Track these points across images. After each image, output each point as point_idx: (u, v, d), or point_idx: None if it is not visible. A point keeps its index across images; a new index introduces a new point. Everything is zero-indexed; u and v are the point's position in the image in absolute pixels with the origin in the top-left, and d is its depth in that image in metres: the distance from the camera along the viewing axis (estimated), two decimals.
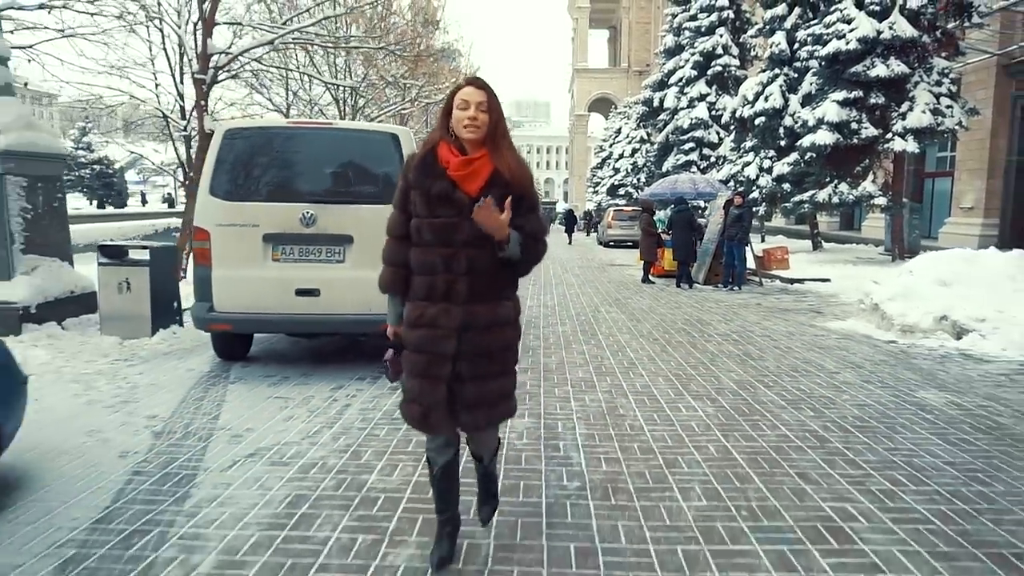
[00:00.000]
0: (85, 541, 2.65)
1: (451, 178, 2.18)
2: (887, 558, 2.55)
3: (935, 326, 6.99)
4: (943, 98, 14.36)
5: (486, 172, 2.18)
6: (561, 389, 5.04)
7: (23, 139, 6.30)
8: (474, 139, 2.19)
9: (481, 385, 2.24)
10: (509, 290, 2.34)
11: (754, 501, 3.07)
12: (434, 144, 2.24)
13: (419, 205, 2.22)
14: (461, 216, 2.16)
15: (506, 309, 2.29)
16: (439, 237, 2.19)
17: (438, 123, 2.30)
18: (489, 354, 2.25)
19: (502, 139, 2.23)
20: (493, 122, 2.19)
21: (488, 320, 2.23)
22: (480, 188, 2.16)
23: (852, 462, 3.55)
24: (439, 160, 2.20)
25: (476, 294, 2.21)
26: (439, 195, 2.18)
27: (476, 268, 2.19)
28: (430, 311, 2.21)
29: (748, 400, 4.76)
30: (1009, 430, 4.10)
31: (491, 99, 2.20)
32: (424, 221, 2.21)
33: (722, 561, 2.53)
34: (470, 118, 2.16)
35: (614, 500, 3.08)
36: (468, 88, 2.20)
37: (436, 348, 2.21)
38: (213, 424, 4.11)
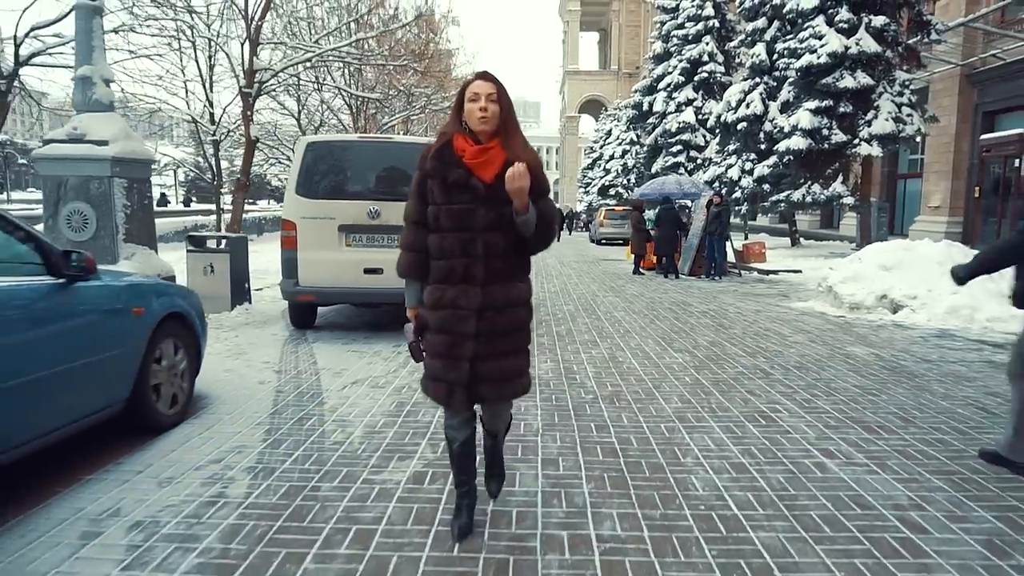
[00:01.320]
0: (270, 426, 4.02)
1: (467, 166, 2.29)
2: (795, 427, 3.97)
3: (877, 303, 8.45)
4: (904, 107, 15.88)
5: (500, 160, 2.28)
6: (572, 346, 6.44)
7: (125, 148, 7.63)
8: (486, 129, 2.29)
9: (501, 361, 2.36)
10: (522, 273, 2.45)
11: (714, 404, 4.48)
12: (449, 136, 2.35)
13: (437, 193, 2.32)
14: (477, 202, 2.28)
15: (519, 290, 2.41)
16: (457, 223, 2.29)
17: (451, 117, 2.40)
18: (506, 332, 2.37)
19: (513, 128, 2.33)
20: (504, 112, 2.30)
21: (504, 300, 2.35)
22: (495, 175, 2.27)
23: (787, 385, 4.97)
24: (455, 150, 2.31)
25: (492, 276, 2.32)
26: (456, 182, 2.29)
27: (492, 251, 2.31)
28: (449, 293, 2.33)
29: (717, 352, 6.17)
30: (907, 369, 5.53)
31: (500, 90, 2.30)
32: (442, 208, 2.31)
33: (691, 432, 3.92)
34: (481, 109, 2.26)
35: (617, 404, 4.48)
36: (478, 81, 2.32)
37: (457, 328, 2.32)
38: (315, 366, 5.48)
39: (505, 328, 2.36)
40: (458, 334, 2.31)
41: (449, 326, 2.32)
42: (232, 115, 17.31)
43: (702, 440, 3.77)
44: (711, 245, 13.45)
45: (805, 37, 16.56)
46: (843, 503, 2.93)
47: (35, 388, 2.82)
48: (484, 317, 2.31)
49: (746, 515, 2.81)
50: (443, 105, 18.72)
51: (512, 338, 2.40)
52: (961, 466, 3.39)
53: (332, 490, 3.04)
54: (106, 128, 7.63)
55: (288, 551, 2.48)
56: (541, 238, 2.36)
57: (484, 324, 2.31)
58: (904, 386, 4.99)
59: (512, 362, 2.40)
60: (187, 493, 2.99)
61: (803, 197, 17.55)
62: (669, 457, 3.49)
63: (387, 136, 9.53)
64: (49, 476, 3.13)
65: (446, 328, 2.32)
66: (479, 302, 2.30)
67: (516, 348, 2.42)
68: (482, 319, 2.31)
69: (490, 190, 2.26)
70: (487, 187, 2.26)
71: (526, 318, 2.44)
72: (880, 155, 16.09)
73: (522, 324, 2.43)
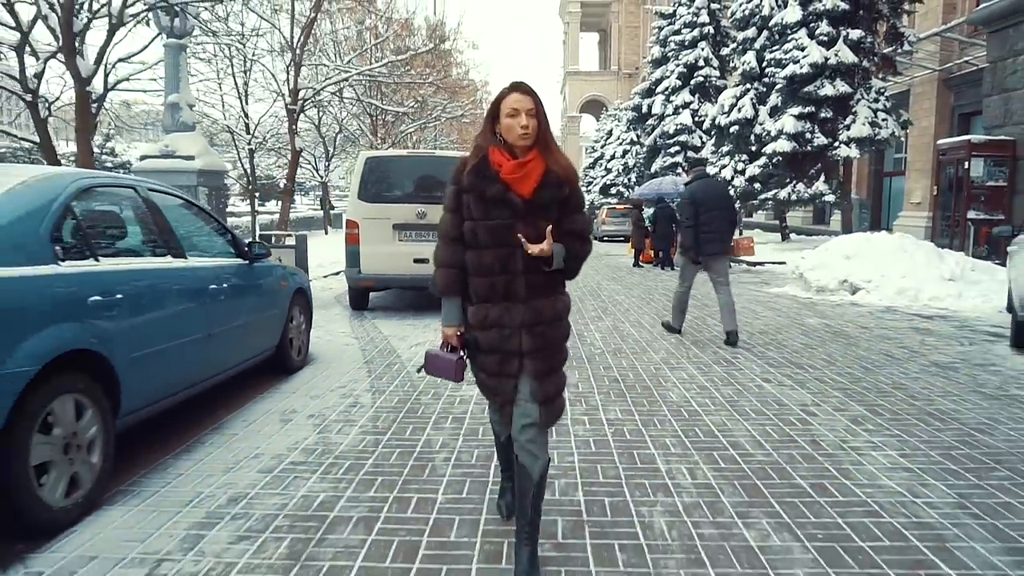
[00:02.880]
0: (368, 368, 5.54)
1: (504, 181, 2.24)
2: (747, 367, 5.49)
3: (838, 286, 9.96)
4: (880, 112, 17.37)
5: (538, 173, 2.24)
6: (582, 320, 7.95)
7: (207, 162, 9.17)
8: (527, 146, 2.24)
9: (545, 381, 2.31)
10: (562, 284, 2.42)
11: (690, 355, 6.00)
12: (484, 150, 2.29)
13: (474, 208, 2.27)
14: (515, 217, 2.23)
15: (563, 303, 2.38)
16: (495, 238, 2.24)
17: (484, 129, 2.34)
18: (554, 347, 2.34)
19: (551, 140, 2.29)
20: (542, 125, 2.25)
21: (552, 314, 2.32)
22: (533, 189, 2.24)
23: (748, 343, 6.49)
24: (491, 164, 2.26)
25: (535, 291, 2.28)
26: (493, 198, 2.24)
27: (532, 267, 2.26)
28: (493, 312, 2.28)
29: (698, 324, 7.70)
30: (846, 333, 7.05)
31: (538, 104, 2.25)
32: (479, 224, 2.26)
33: (671, 369, 5.43)
34: (523, 127, 2.20)
35: (619, 355, 6.00)
36: (515, 95, 2.24)
37: (506, 346, 2.28)
38: (382, 334, 7.01)
39: (553, 342, 2.33)
40: (507, 352, 2.29)
41: (498, 345, 2.29)
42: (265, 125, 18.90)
43: (679, 374, 5.29)
44: None
45: (789, 48, 18.06)
46: (768, 404, 4.45)
47: (239, 331, 4.35)
48: (533, 332, 2.28)
49: (703, 410, 4.34)
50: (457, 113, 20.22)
51: (558, 352, 2.37)
52: (854, 384, 4.91)
53: (429, 399, 4.57)
54: (191, 145, 9.18)
55: (413, 425, 4.01)
56: (576, 258, 2.36)
57: (532, 340, 2.28)
58: (838, 343, 6.51)
59: (555, 380, 2.35)
60: (333, 402, 4.52)
61: (789, 195, 19.06)
62: (654, 382, 5.02)
63: (429, 151, 11.08)
64: (237, 392, 4.66)
65: (495, 347, 2.30)
66: (522, 318, 2.27)
67: (559, 364, 2.39)
68: (532, 334, 2.28)
69: (528, 205, 2.24)
70: (525, 202, 2.23)
71: (568, 330, 2.43)
72: (857, 156, 17.56)
73: (566, 336, 2.41)
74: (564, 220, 2.30)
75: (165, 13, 7.85)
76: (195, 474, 3.25)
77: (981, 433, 3.84)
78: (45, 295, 2.67)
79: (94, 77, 7.56)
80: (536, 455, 2.29)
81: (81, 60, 7.26)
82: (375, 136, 19.34)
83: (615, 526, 2.73)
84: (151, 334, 3.30)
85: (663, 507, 2.91)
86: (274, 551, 2.53)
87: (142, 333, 3.22)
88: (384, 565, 2.42)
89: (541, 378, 2.29)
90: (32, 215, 2.78)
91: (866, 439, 3.76)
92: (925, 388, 4.82)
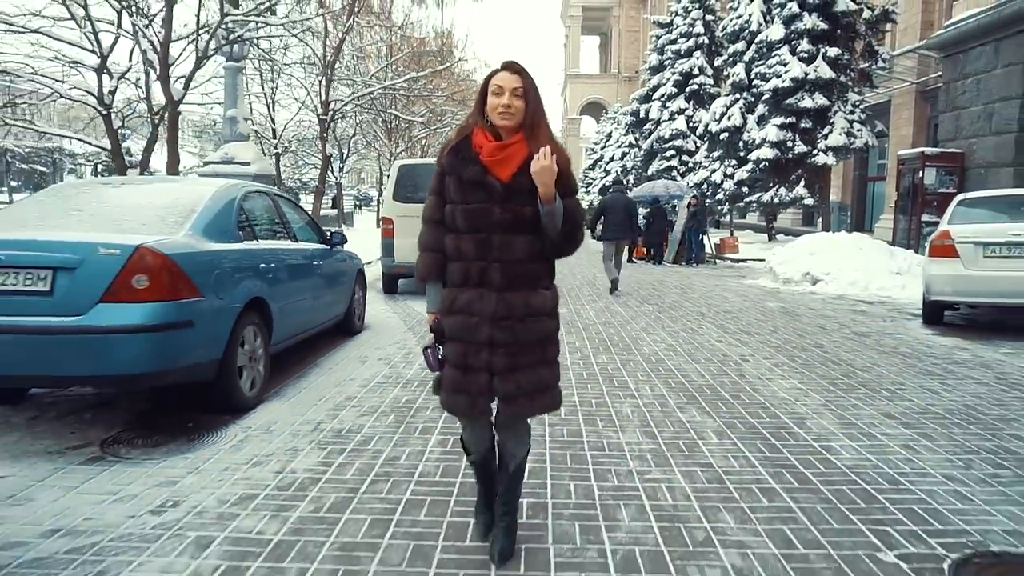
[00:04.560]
0: (414, 333, 7.09)
1: (483, 163, 2.17)
2: (707, 333, 7.06)
3: (802, 278, 11.53)
4: (855, 123, 18.94)
5: (520, 157, 2.15)
6: (578, 303, 9.50)
7: (260, 167, 10.71)
8: (509, 125, 2.16)
9: (518, 375, 2.22)
10: (546, 279, 2.32)
11: (664, 326, 7.55)
12: (469, 130, 2.24)
13: (452, 190, 2.22)
14: (492, 201, 2.16)
15: (542, 298, 2.27)
16: (471, 223, 2.18)
17: (474, 108, 2.27)
18: (525, 344, 2.23)
19: (540, 122, 2.20)
20: (531, 108, 2.17)
21: (524, 310, 2.21)
22: (512, 174, 2.15)
23: (712, 319, 8.05)
24: (473, 145, 2.20)
25: (510, 281, 2.20)
26: (471, 180, 2.18)
27: (509, 255, 2.19)
28: (463, 296, 2.22)
29: (676, 305, 9.25)
30: (795, 312, 8.62)
31: (527, 84, 2.16)
32: (457, 207, 2.20)
33: (648, 334, 6.98)
34: (504, 106, 2.13)
35: (608, 326, 7.55)
36: (503, 73, 2.18)
37: (471, 336, 2.20)
38: (415, 310, 8.53)
39: (524, 339, 2.22)
40: (471, 343, 2.21)
41: (462, 334, 2.22)
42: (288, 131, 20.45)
43: (653, 337, 6.86)
44: (689, 238, 16.55)
45: (773, 63, 19.62)
46: (716, 355, 6.00)
47: (326, 298, 5.89)
48: (502, 326, 2.19)
49: (666, 357, 5.89)
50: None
51: (532, 350, 2.26)
52: (785, 344, 6.46)
53: None
54: (247, 153, 10.73)
55: None
56: (567, 239, 2.25)
57: (502, 334, 2.19)
58: (785, 319, 8.07)
59: (530, 376, 2.25)
60: (392, 351, 6.07)
61: (772, 199, 20.63)
62: (633, 342, 6.57)
63: None
64: (320, 346, 6.19)
65: (459, 336, 2.23)
66: (493, 309, 2.18)
67: (538, 360, 2.28)
68: (500, 328, 2.19)
69: (507, 189, 2.16)
70: (503, 186, 2.16)
71: (551, 328, 2.31)
72: (834, 163, 19.14)
73: (545, 335, 2.29)
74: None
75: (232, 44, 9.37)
76: (315, 387, 4.81)
77: (862, 372, 5.40)
78: (242, 262, 4.23)
79: (183, 100, 9.10)
80: (514, 453, 2.39)
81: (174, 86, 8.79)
82: (389, 140, 20.88)
83: (598, 412, 4.29)
84: (286, 292, 4.86)
85: (629, 404, 4.47)
86: (384, 421, 4.08)
87: (283, 290, 4.78)
88: (456, 426, 3.97)
89: (513, 372, 2.22)
90: (226, 211, 4.34)
91: (779, 374, 5.32)
92: (837, 347, 6.39)
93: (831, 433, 3.88)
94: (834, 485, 3.13)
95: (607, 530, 2.69)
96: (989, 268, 6.80)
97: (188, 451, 3.53)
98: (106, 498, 2.95)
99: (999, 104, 12.39)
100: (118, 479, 3.15)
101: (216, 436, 3.76)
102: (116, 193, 4.43)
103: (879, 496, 3.01)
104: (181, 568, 2.38)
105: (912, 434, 3.87)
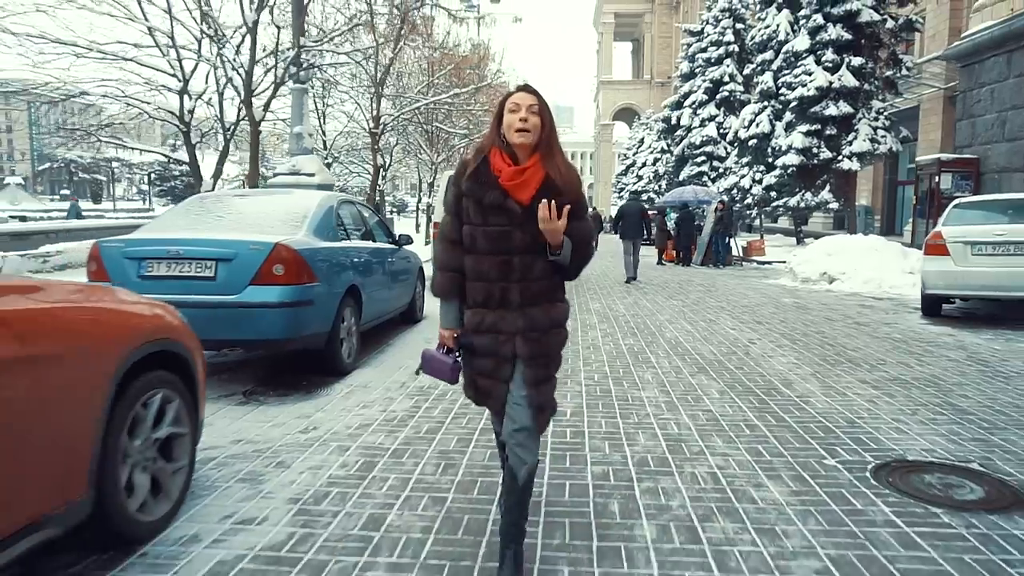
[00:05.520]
0: None
1: (503, 187, 2.22)
2: (724, 323, 8.02)
3: (819, 277, 12.36)
4: (879, 130, 19.58)
5: (537, 180, 2.23)
6: (609, 298, 10.49)
7: (323, 177, 11.93)
8: (525, 143, 2.23)
9: (540, 388, 2.33)
10: (560, 292, 2.42)
11: (686, 317, 8.52)
12: (486, 152, 2.29)
13: (472, 213, 2.28)
14: (513, 224, 2.23)
15: (559, 311, 2.39)
16: (492, 245, 2.25)
17: (490, 130, 2.33)
18: (548, 355, 2.37)
19: (554, 145, 2.28)
20: (546, 128, 2.25)
21: (546, 322, 2.33)
22: (532, 196, 2.22)
23: (730, 312, 8.99)
24: (492, 168, 2.25)
25: (530, 299, 2.30)
26: (492, 204, 2.24)
27: (529, 275, 2.28)
28: (489, 317, 2.30)
29: (699, 301, 10.20)
30: (807, 307, 9.50)
31: (542, 103, 2.25)
32: (478, 229, 2.27)
33: (671, 323, 7.96)
34: (521, 120, 2.20)
35: (636, 317, 8.55)
36: (519, 93, 2.26)
37: (501, 351, 2.31)
38: None
39: (547, 350, 2.36)
40: (501, 357, 2.32)
41: (493, 349, 2.32)
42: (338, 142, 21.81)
43: (675, 325, 7.85)
44: (716, 241, 17.42)
45: (798, 73, 20.38)
46: (728, 339, 6.96)
47: (397, 289, 7.01)
48: (528, 338, 2.30)
49: (685, 340, 6.88)
50: None
51: (552, 361, 2.40)
52: (791, 331, 7.39)
53: None
54: (311, 165, 11.96)
55: None
56: (578, 265, 2.36)
57: (527, 347, 2.30)
58: (796, 312, 8.98)
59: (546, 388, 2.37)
60: None
61: (798, 203, 21.34)
62: (657, 329, 7.57)
63: None
64: (388, 331, 7.31)
65: (490, 351, 2.33)
66: (518, 325, 2.29)
67: (553, 372, 2.41)
68: (526, 340, 2.29)
69: (526, 212, 2.22)
70: (524, 209, 2.22)
71: (565, 338, 2.44)
72: (859, 169, 19.81)
73: (561, 344, 2.42)
74: (567, 228, 2.23)
75: (301, 68, 10.62)
76: (394, 359, 5.93)
77: (852, 351, 6.33)
78: (343, 256, 5.37)
79: (263, 120, 10.37)
80: (524, 459, 2.31)
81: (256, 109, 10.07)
82: (431, 150, 22.12)
83: (624, 377, 5.32)
84: (372, 282, 5.99)
85: (650, 372, 5.49)
86: None
87: (369, 280, 5.91)
88: None
89: (536, 385, 2.32)
90: (328, 216, 5.48)
91: (779, 353, 6.28)
92: (837, 333, 7.30)
93: (811, 392, 4.86)
94: (804, 424, 4.12)
95: (628, 446, 3.73)
96: (977, 265, 7.65)
97: (311, 399, 4.66)
98: (264, 424, 4.08)
99: (1011, 112, 13.07)
100: (267, 414, 4.29)
101: (327, 390, 4.89)
102: (243, 203, 5.60)
103: (836, 430, 3.99)
104: (334, 460, 3.49)
105: (878, 394, 4.82)
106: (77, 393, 2.20)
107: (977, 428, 4.02)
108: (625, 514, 2.88)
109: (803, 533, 2.69)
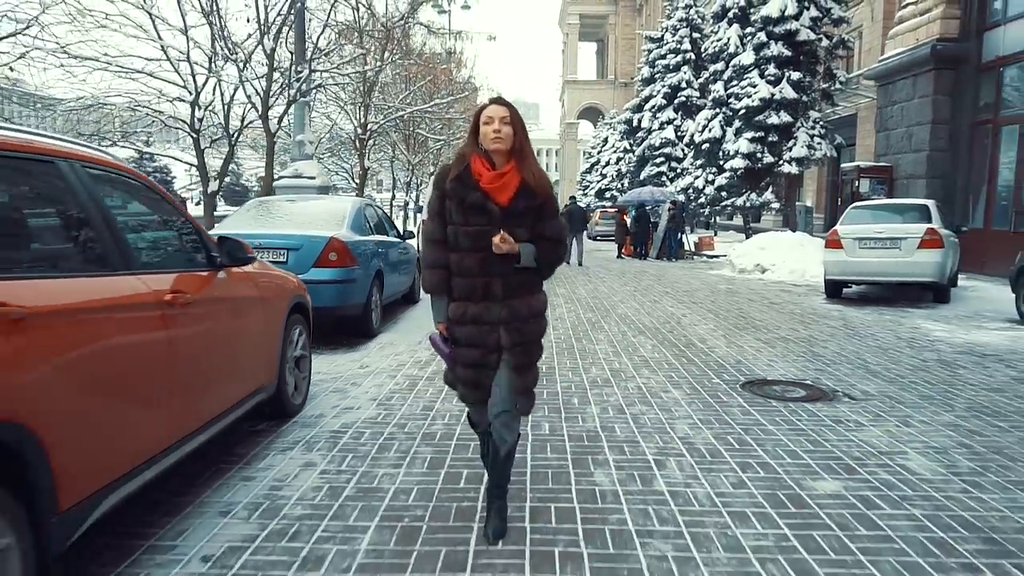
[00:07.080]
0: None
1: (484, 190, 2.45)
2: (664, 303, 9.92)
3: (754, 268, 14.39)
4: (816, 138, 21.80)
5: (515, 184, 2.47)
6: (572, 284, 12.32)
7: (323, 180, 13.54)
8: (501, 149, 2.47)
9: (523, 374, 2.61)
10: (538, 284, 2.67)
11: (636, 299, 10.39)
12: (467, 159, 2.51)
13: (455, 213, 2.49)
14: (492, 223, 2.45)
15: (539, 301, 2.65)
16: (474, 243, 2.48)
17: (468, 140, 2.58)
18: (530, 343, 2.62)
19: (527, 150, 2.51)
20: (518, 136, 2.48)
21: (528, 312, 2.58)
22: (510, 198, 2.47)
23: (673, 296, 10.90)
24: (473, 173, 2.48)
25: (511, 291, 2.53)
26: (473, 205, 2.46)
27: (508, 269, 2.51)
28: (472, 309, 2.53)
29: (648, 288, 12.10)
30: (736, 291, 11.46)
31: (513, 114, 2.48)
32: (460, 228, 2.49)
33: (622, 303, 9.82)
34: (495, 131, 2.44)
35: (595, 298, 10.39)
36: (492, 106, 2.50)
37: (484, 341, 2.53)
38: None
39: (529, 337, 2.59)
40: (485, 346, 2.53)
41: (477, 339, 2.54)
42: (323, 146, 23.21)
43: (625, 305, 9.71)
44: (669, 237, 19.44)
45: (744, 85, 22.49)
46: (666, 313, 8.84)
47: (403, 274, 8.71)
48: (511, 328, 2.53)
49: (631, 313, 8.73)
50: None
51: (534, 348, 2.64)
52: (717, 308, 9.30)
53: None
54: (312, 169, 13.55)
55: None
56: (548, 263, 2.61)
57: (510, 336, 2.53)
58: (727, 296, 10.92)
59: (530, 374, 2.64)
60: None
61: (744, 203, 23.51)
62: (611, 307, 9.41)
63: None
64: (396, 311, 8.99)
65: (474, 342, 2.55)
66: (501, 315, 2.51)
67: (536, 359, 2.66)
68: (509, 330, 2.53)
69: (505, 213, 2.46)
70: (502, 210, 2.46)
71: (544, 327, 2.66)
72: (796, 172, 22.03)
73: (541, 332, 2.66)
74: (539, 226, 2.52)
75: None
76: (408, 327, 7.65)
77: (758, 321, 8.24)
78: (373, 248, 7.08)
79: (278, 132, 11.92)
80: (506, 438, 2.62)
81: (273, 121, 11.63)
82: (408, 151, 23.70)
83: (583, 337, 7.13)
84: (390, 267, 7.70)
85: (603, 335, 7.31)
86: None
87: (388, 266, 7.62)
88: None
89: (520, 371, 2.58)
90: (359, 215, 7.19)
91: (703, 322, 8.17)
92: (752, 310, 9.23)
93: (718, 346, 6.74)
94: (705, 362, 5.98)
95: (584, 374, 5.53)
96: (862, 256, 9.67)
97: (355, 351, 6.38)
98: (331, 364, 5.80)
99: (916, 127, 15.27)
100: (330, 359, 6.00)
101: (365, 347, 6.60)
102: (294, 207, 7.28)
103: (727, 365, 5.86)
104: (388, 382, 5.22)
105: (764, 346, 6.73)
106: (274, 319, 3.92)
107: (821, 364, 5.94)
108: (582, 403, 4.69)
109: (687, 411, 4.53)
